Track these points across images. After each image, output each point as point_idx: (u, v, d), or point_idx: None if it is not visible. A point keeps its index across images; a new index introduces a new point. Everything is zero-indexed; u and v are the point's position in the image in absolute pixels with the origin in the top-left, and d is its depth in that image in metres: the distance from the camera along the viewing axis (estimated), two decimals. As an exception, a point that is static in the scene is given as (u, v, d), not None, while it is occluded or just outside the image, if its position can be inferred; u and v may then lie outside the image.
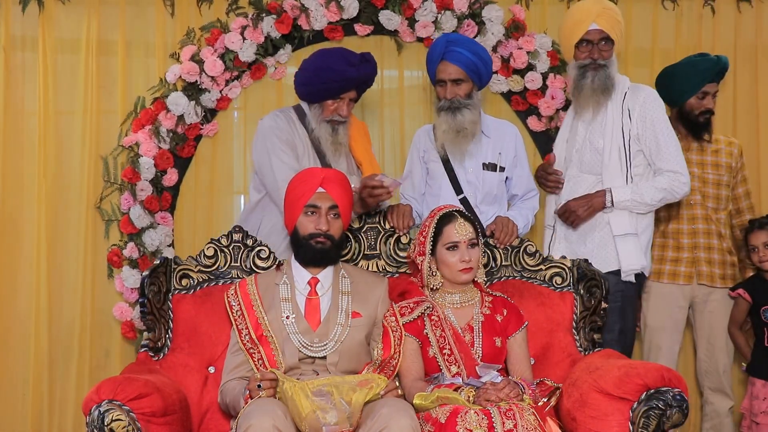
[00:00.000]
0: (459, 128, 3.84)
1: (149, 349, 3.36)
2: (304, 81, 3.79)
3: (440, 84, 3.87)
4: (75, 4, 4.59)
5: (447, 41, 3.86)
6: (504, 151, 3.96)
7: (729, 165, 4.37)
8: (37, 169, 4.53)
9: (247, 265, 3.55)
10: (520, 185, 4.02)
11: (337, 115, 3.74)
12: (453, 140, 3.86)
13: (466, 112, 3.84)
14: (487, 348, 3.22)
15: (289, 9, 4.53)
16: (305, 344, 3.16)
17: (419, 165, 4.05)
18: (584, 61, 3.93)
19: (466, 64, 3.82)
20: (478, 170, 3.92)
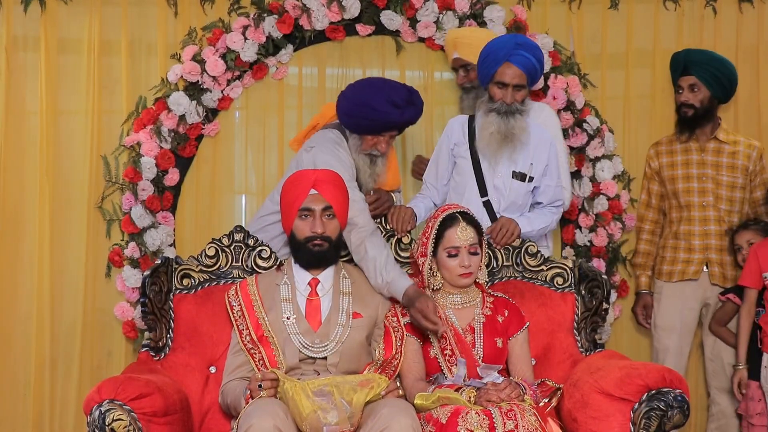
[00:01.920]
0: (508, 133, 3.76)
1: (150, 349, 3.36)
2: (346, 111, 3.67)
3: (499, 86, 3.78)
4: (77, 4, 4.58)
5: (516, 43, 3.78)
6: (536, 162, 3.85)
7: (745, 167, 4.36)
8: (38, 169, 4.52)
9: (248, 265, 3.55)
10: (546, 194, 3.91)
11: (375, 149, 3.67)
12: (498, 144, 3.78)
13: (519, 119, 3.78)
14: (488, 348, 3.22)
15: (291, 9, 4.52)
16: (306, 345, 3.16)
17: (447, 155, 3.94)
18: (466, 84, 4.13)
19: (529, 70, 3.77)
20: (507, 177, 3.84)
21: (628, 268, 4.73)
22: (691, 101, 4.32)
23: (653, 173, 4.52)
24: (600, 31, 4.77)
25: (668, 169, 4.42)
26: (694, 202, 4.34)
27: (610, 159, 4.65)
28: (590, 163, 4.65)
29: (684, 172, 4.39)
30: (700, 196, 4.33)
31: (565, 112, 4.61)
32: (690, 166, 4.38)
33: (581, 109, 4.63)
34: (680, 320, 4.36)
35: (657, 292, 4.45)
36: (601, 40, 4.77)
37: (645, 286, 4.53)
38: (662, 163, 4.47)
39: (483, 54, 3.85)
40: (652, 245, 4.54)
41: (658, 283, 4.47)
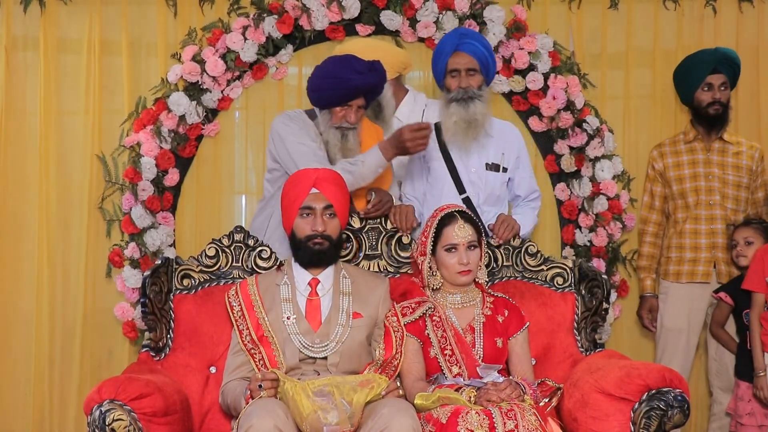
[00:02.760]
0: (471, 119, 3.85)
1: (150, 349, 3.36)
2: (314, 87, 3.76)
3: (453, 74, 3.89)
4: (77, 4, 4.58)
5: (460, 34, 3.95)
6: (507, 151, 3.98)
7: (750, 167, 4.38)
8: (38, 169, 4.53)
9: (249, 265, 3.56)
10: (522, 186, 4.04)
11: (345, 121, 3.71)
12: (463, 132, 3.87)
13: (479, 104, 3.86)
14: (488, 348, 3.22)
15: (291, 9, 4.53)
16: (306, 345, 3.16)
17: (419, 164, 4.03)
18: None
19: (479, 57, 3.88)
20: (481, 170, 3.93)
21: (628, 268, 4.73)
22: (723, 99, 4.33)
23: (656, 175, 4.52)
24: (600, 31, 4.77)
25: (674, 170, 4.43)
26: (701, 201, 4.35)
27: (610, 159, 4.66)
28: (590, 163, 4.65)
29: (691, 171, 4.40)
30: (707, 195, 4.33)
31: (565, 111, 4.61)
32: (697, 166, 4.40)
33: (581, 109, 4.64)
34: (688, 321, 4.36)
35: (663, 293, 4.45)
36: (601, 40, 4.78)
37: (650, 289, 4.54)
38: (667, 164, 4.47)
39: (433, 54, 4.01)
40: (655, 247, 4.54)
41: (663, 283, 4.47)
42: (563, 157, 4.63)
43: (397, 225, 3.68)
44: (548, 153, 4.68)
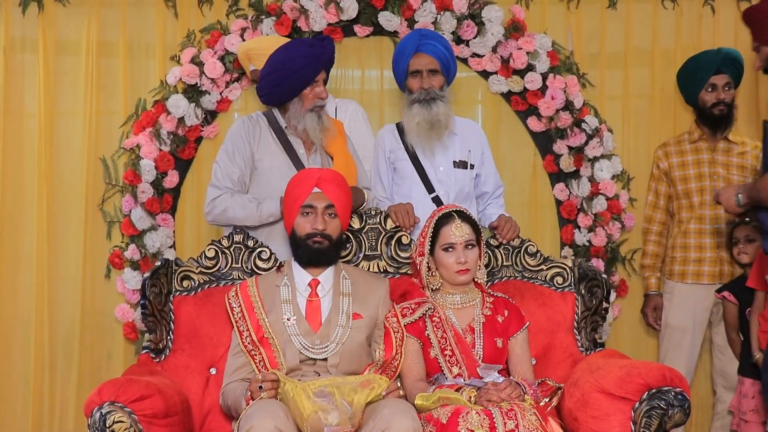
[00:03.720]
0: (434, 120, 3.88)
1: (150, 351, 3.36)
2: (273, 83, 3.76)
3: (414, 75, 3.93)
4: (75, 6, 4.59)
5: (421, 35, 3.98)
6: (473, 148, 4.02)
7: (754, 167, 4.38)
8: (37, 171, 4.54)
9: (248, 266, 3.56)
10: (489, 182, 4.08)
11: (318, 99, 3.75)
12: (426, 133, 3.90)
13: (441, 105, 3.89)
14: (488, 349, 3.22)
15: (289, 11, 4.53)
16: (306, 346, 3.16)
17: (386, 166, 4.05)
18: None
19: (440, 57, 3.92)
20: (449, 168, 3.96)
21: (627, 267, 4.73)
22: (727, 99, 4.33)
23: (661, 174, 4.52)
24: (598, 31, 4.77)
25: (680, 169, 4.43)
26: (705, 201, 4.35)
27: (609, 159, 4.65)
28: (589, 163, 4.65)
29: (696, 171, 4.40)
30: (711, 195, 4.33)
31: (564, 111, 4.61)
32: (701, 165, 4.40)
33: (580, 109, 4.64)
34: (693, 320, 4.37)
35: (668, 292, 4.45)
36: (600, 40, 4.77)
37: (654, 287, 4.53)
38: (672, 163, 4.47)
39: (394, 55, 4.04)
40: (660, 246, 4.54)
41: (669, 283, 4.47)
42: (562, 157, 4.63)
43: (398, 223, 3.68)
44: (547, 153, 4.68)
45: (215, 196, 3.70)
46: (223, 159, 3.77)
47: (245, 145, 3.76)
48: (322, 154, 3.86)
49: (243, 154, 3.75)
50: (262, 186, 3.75)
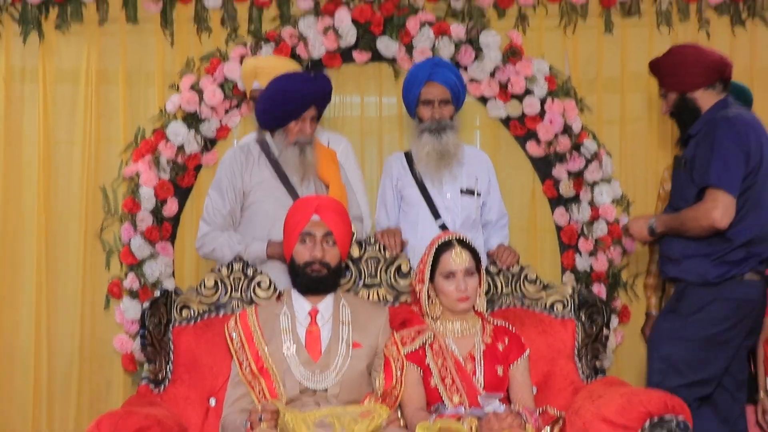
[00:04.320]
0: (444, 150, 3.90)
1: (150, 381, 3.35)
2: (266, 108, 3.81)
3: (426, 104, 3.93)
4: (75, 35, 4.62)
5: (433, 63, 4.00)
6: (479, 177, 4.03)
7: None
8: (36, 200, 4.55)
9: (248, 295, 3.55)
10: (493, 211, 4.09)
11: (301, 135, 3.77)
12: (436, 163, 3.91)
13: (451, 134, 3.91)
14: (488, 377, 3.21)
15: (288, 37, 4.55)
16: (306, 376, 3.15)
17: (392, 193, 4.07)
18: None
19: (451, 86, 3.93)
20: (456, 196, 3.98)
21: (629, 293, 4.72)
22: None
23: (666, 195, 4.51)
24: (595, 55, 4.79)
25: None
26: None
27: (609, 183, 4.65)
28: (588, 188, 4.64)
29: None
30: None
31: (563, 136, 4.62)
32: None
33: (578, 133, 4.64)
34: None
35: None
36: (597, 64, 4.79)
37: (655, 307, 4.50)
38: None
39: (405, 82, 4.04)
40: None
41: None
42: (562, 182, 4.64)
43: (384, 244, 3.69)
44: (546, 178, 4.68)
45: (205, 232, 3.78)
46: (214, 193, 3.81)
47: (236, 179, 3.80)
48: (317, 182, 3.87)
49: (234, 188, 3.79)
50: (256, 214, 3.78)
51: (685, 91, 3.77)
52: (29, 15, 4.58)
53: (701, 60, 3.75)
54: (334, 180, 3.86)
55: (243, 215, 3.83)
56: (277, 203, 3.73)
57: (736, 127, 3.58)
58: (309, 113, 3.78)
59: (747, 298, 3.66)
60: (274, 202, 3.74)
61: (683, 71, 3.75)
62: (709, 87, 3.75)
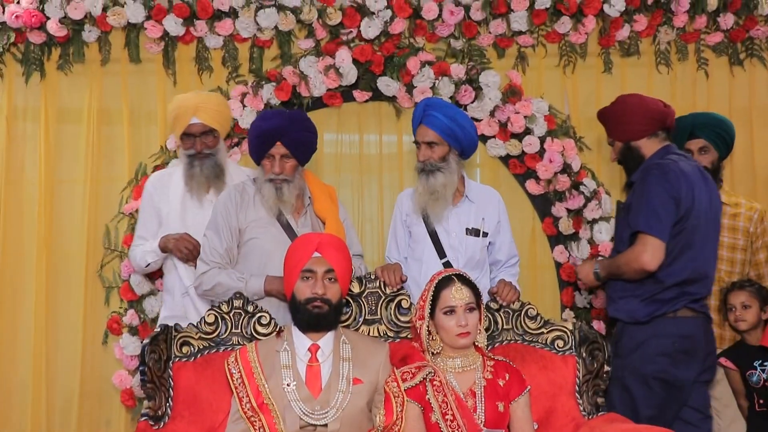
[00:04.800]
0: (432, 190, 3.92)
1: (149, 418, 3.32)
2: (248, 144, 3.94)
3: (418, 146, 3.98)
4: (77, 74, 4.65)
5: (425, 105, 4.00)
6: (487, 216, 4.02)
7: (746, 229, 4.35)
8: (37, 238, 4.55)
9: (248, 331, 3.54)
10: (502, 251, 4.08)
11: (272, 173, 3.80)
12: (427, 202, 3.94)
13: (439, 176, 3.92)
14: (489, 413, 3.20)
15: (289, 76, 4.59)
16: (306, 412, 3.14)
17: (402, 228, 4.10)
18: (190, 151, 4.11)
19: (441, 128, 3.91)
20: (461, 235, 3.98)
21: (628, 329, 4.70)
22: (704, 163, 4.32)
23: None
24: (594, 95, 4.82)
25: None
26: None
27: (608, 221, 4.67)
28: (588, 225, 4.66)
29: None
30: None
31: (562, 174, 4.64)
32: None
33: (578, 172, 4.67)
34: None
35: None
36: (596, 104, 4.78)
37: None
38: None
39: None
40: None
41: None
42: (561, 220, 4.65)
43: (384, 280, 3.69)
44: (546, 216, 4.70)
45: (203, 271, 3.78)
46: (210, 233, 3.84)
47: (231, 217, 3.82)
48: (312, 218, 3.88)
49: (229, 226, 3.81)
50: (252, 251, 3.80)
51: (630, 140, 3.93)
52: (31, 55, 4.62)
53: (644, 110, 3.92)
54: (331, 216, 3.87)
55: (240, 252, 3.85)
56: (273, 240, 3.75)
57: (668, 175, 3.72)
58: (277, 150, 3.79)
59: (682, 334, 3.73)
60: (270, 238, 3.77)
61: (627, 121, 3.93)
62: (652, 135, 3.92)
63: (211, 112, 4.10)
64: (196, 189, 4.10)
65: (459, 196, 4.01)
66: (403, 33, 4.69)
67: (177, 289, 4.09)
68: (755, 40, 4.85)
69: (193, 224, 4.06)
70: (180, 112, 4.08)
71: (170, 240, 4.03)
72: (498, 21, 4.72)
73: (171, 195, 4.15)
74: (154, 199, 4.16)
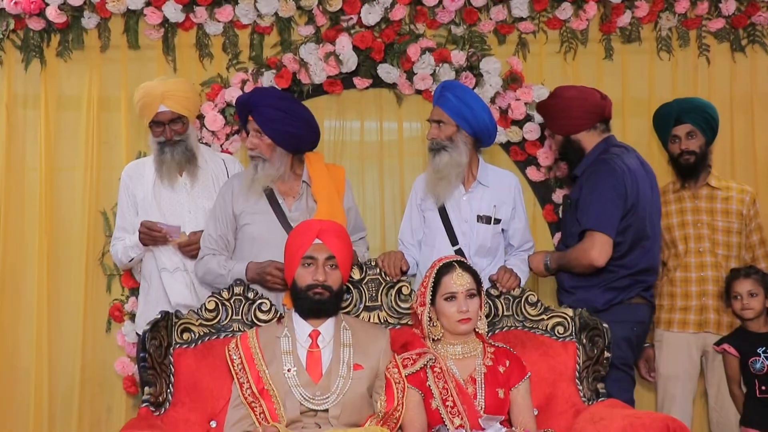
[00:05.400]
0: (436, 169, 3.92)
1: (150, 404, 3.33)
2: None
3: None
4: (77, 62, 4.63)
5: (441, 87, 4.05)
6: (501, 203, 4.00)
7: (740, 212, 4.36)
8: (38, 225, 4.54)
9: (249, 318, 3.55)
10: (516, 237, 4.07)
11: (249, 149, 3.84)
12: (434, 181, 3.93)
13: (444, 155, 3.91)
14: (490, 399, 3.21)
15: (289, 63, 4.57)
16: (307, 397, 3.15)
17: (417, 212, 4.08)
18: (160, 138, 4.10)
19: (450, 108, 3.93)
20: (472, 222, 3.96)
21: (628, 315, 4.71)
22: (692, 148, 4.33)
23: None
24: (595, 82, 4.78)
25: (664, 219, 4.39)
26: (690, 249, 4.33)
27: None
28: (589, 212, 4.65)
29: (679, 219, 4.39)
30: (696, 242, 4.32)
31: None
32: (684, 214, 4.39)
33: (578, 159, 4.65)
34: (683, 368, 4.33)
35: (658, 341, 4.42)
36: (597, 90, 4.81)
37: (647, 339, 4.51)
38: None
39: None
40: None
41: (657, 331, 4.43)
42: (561, 207, 4.64)
43: (384, 270, 3.69)
44: (546, 202, 4.69)
45: (200, 257, 3.85)
46: (208, 220, 3.91)
47: (227, 205, 3.87)
48: (309, 202, 3.87)
49: (224, 214, 3.87)
50: (247, 237, 3.82)
51: (570, 133, 4.06)
52: (31, 42, 4.61)
53: (582, 104, 4.04)
54: (324, 199, 3.84)
55: (237, 239, 3.88)
56: (265, 225, 3.77)
57: (615, 172, 3.86)
58: (251, 125, 3.84)
59: (638, 319, 3.95)
60: (262, 224, 3.78)
61: (567, 115, 4.05)
62: (591, 128, 4.06)
63: (179, 98, 4.08)
64: (167, 174, 4.09)
65: (471, 179, 3.99)
66: (403, 19, 4.67)
67: (154, 273, 4.08)
68: (757, 26, 4.83)
69: (169, 209, 4.08)
70: (148, 101, 4.07)
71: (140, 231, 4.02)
72: (499, 7, 4.70)
73: (145, 182, 4.14)
74: (130, 188, 4.16)
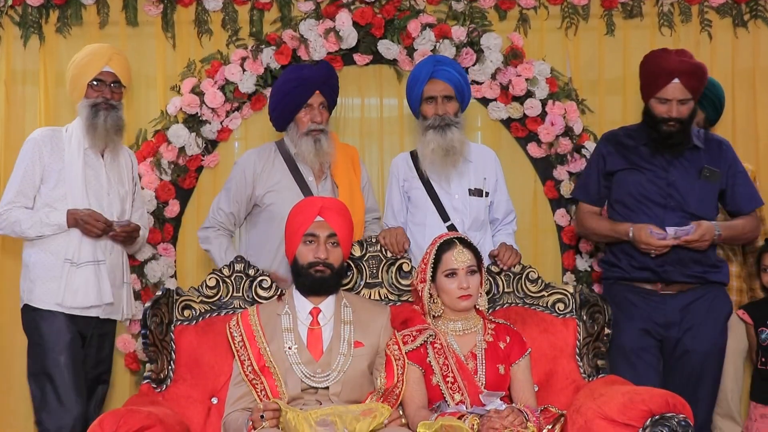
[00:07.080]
0: (448, 146, 3.87)
1: (152, 381, 3.34)
2: (273, 105, 3.94)
3: (429, 102, 3.93)
4: (76, 38, 4.61)
5: (435, 60, 4.00)
6: (488, 176, 4.01)
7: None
8: (38, 202, 4.53)
9: (249, 295, 3.55)
10: (500, 209, 4.07)
11: (312, 123, 3.81)
12: (441, 160, 3.89)
13: (455, 131, 3.89)
14: (490, 375, 3.21)
15: (289, 40, 4.55)
16: (308, 375, 3.15)
17: (399, 194, 4.05)
18: (97, 99, 3.88)
19: (454, 83, 3.92)
20: (464, 196, 3.95)
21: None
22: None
23: None
24: (596, 57, 4.79)
25: None
26: None
27: (609, 184, 4.64)
28: (589, 189, 4.64)
29: None
30: None
31: (564, 137, 4.62)
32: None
33: (579, 135, 4.65)
34: None
35: None
36: (598, 66, 4.79)
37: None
38: None
39: (408, 80, 4.04)
40: None
41: None
42: (562, 183, 4.64)
43: (387, 247, 3.68)
44: (547, 179, 4.69)
45: (207, 225, 3.98)
46: (221, 194, 3.96)
47: (247, 186, 3.89)
48: (333, 182, 3.87)
49: (241, 194, 3.91)
50: (274, 216, 3.81)
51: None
52: (29, 18, 4.59)
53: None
54: (345, 182, 3.89)
55: (261, 216, 3.90)
56: (293, 202, 3.67)
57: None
58: (316, 99, 3.83)
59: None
60: (289, 201, 3.68)
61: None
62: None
63: (124, 66, 3.98)
64: (97, 141, 3.85)
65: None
66: (403, -6, 4.65)
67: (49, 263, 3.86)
68: (759, 1, 4.80)
69: (95, 183, 3.86)
70: (93, 59, 3.90)
71: (79, 217, 3.73)
72: (499, -18, 4.69)
73: (66, 152, 3.86)
74: (44, 156, 3.82)
